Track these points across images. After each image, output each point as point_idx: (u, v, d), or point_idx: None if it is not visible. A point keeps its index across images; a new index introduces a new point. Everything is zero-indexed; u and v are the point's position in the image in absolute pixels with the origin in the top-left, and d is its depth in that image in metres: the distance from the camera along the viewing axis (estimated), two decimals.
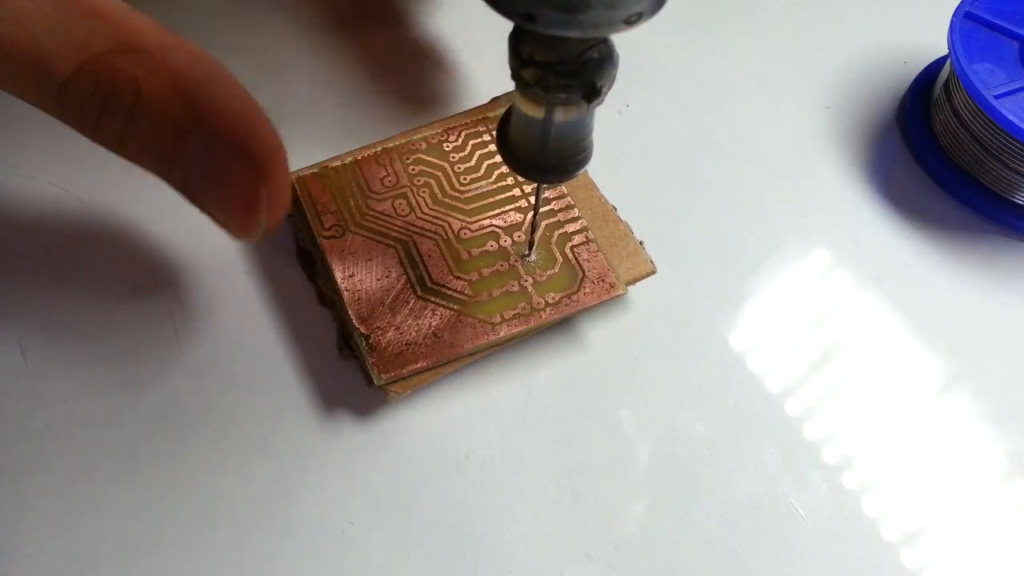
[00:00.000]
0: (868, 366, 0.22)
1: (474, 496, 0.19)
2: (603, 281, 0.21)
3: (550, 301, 0.20)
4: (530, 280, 0.20)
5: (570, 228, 0.21)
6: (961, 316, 0.23)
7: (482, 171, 0.22)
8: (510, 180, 0.22)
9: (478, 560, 0.18)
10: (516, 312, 0.20)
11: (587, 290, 0.20)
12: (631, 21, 0.13)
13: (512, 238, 0.21)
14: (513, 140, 0.17)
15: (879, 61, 0.29)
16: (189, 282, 0.21)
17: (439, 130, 0.23)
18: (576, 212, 0.22)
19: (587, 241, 0.21)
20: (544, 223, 0.21)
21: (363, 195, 0.21)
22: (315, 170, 0.22)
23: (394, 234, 0.21)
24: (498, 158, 0.22)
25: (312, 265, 0.21)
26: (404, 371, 0.19)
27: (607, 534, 0.19)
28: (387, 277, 0.20)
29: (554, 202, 0.22)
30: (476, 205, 0.22)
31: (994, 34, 0.24)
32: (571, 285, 0.20)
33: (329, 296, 0.21)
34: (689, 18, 0.29)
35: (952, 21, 0.24)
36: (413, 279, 0.20)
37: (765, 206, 0.25)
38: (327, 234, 0.21)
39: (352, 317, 0.19)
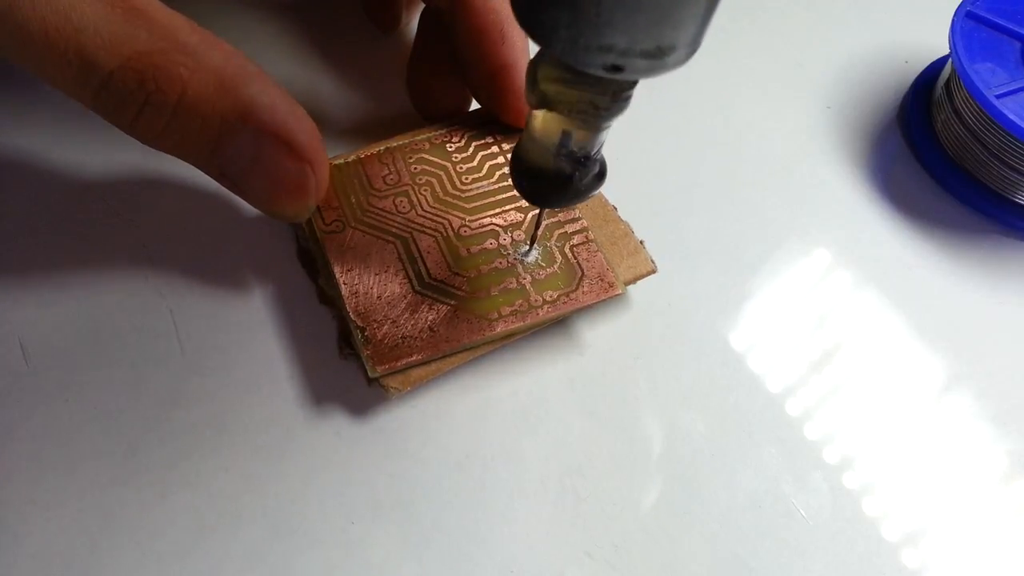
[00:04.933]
0: (868, 366, 0.22)
1: (474, 496, 0.19)
2: (602, 280, 0.21)
3: (548, 299, 0.20)
4: (529, 278, 0.20)
5: (570, 228, 0.21)
6: (961, 316, 0.23)
7: (484, 171, 0.22)
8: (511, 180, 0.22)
9: (478, 560, 0.18)
10: (513, 309, 0.20)
11: (585, 289, 0.20)
12: (692, 54, 0.13)
13: (512, 236, 0.21)
14: (527, 162, 0.17)
15: (880, 61, 0.29)
16: (189, 282, 0.21)
17: (442, 131, 0.23)
18: (577, 212, 0.22)
19: (587, 241, 0.21)
20: (544, 223, 0.21)
21: (364, 192, 0.21)
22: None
23: (394, 230, 0.21)
24: (500, 159, 0.22)
25: (312, 264, 0.21)
26: (399, 364, 0.19)
27: (608, 533, 0.19)
28: (385, 272, 0.20)
29: None
30: (477, 204, 0.22)
31: (995, 33, 0.24)
32: (570, 284, 0.20)
33: (329, 295, 0.21)
34: None
35: (953, 21, 0.24)
36: (411, 274, 0.20)
37: (765, 206, 0.25)
38: (327, 229, 0.21)
39: (349, 310, 0.19)
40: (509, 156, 0.22)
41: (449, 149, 0.22)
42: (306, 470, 0.19)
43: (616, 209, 0.22)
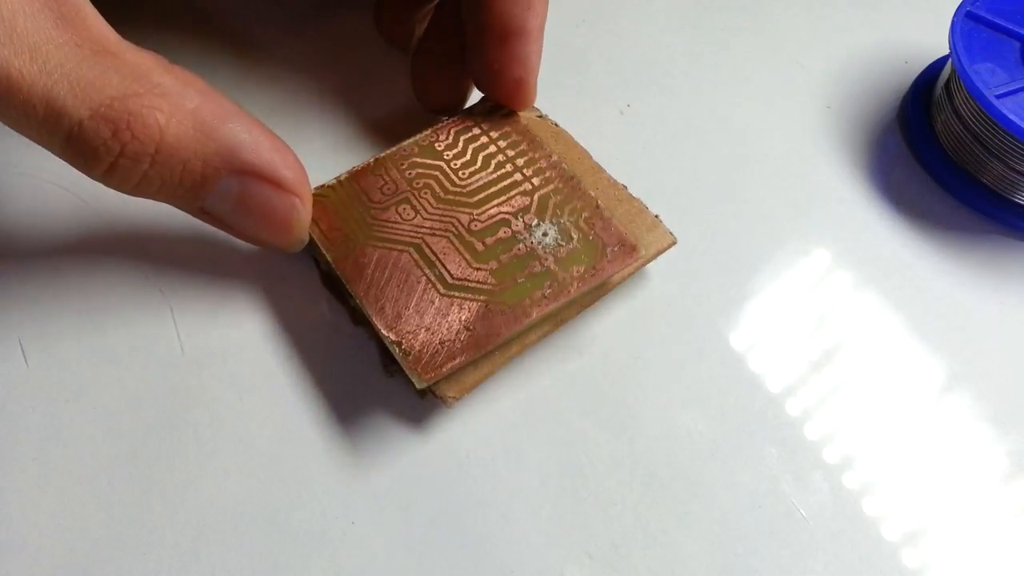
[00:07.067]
0: (868, 366, 0.22)
1: (474, 496, 0.19)
2: (623, 246, 0.20)
3: (576, 275, 0.20)
4: (551, 259, 0.20)
5: (579, 203, 0.21)
6: (961, 316, 0.23)
7: (479, 163, 0.22)
8: (509, 167, 0.22)
9: (478, 560, 0.18)
10: (544, 292, 0.20)
11: (609, 258, 0.20)
12: None
13: (524, 221, 0.21)
14: None
15: (880, 60, 0.29)
16: (189, 281, 0.21)
17: (427, 132, 0.23)
18: (583, 187, 0.21)
19: (598, 209, 0.21)
20: (552, 201, 0.21)
21: (365, 207, 0.21)
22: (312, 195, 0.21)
23: (404, 239, 0.21)
24: (492, 148, 0.22)
25: (340, 286, 0.21)
26: (444, 369, 0.19)
27: (608, 533, 0.19)
28: (406, 282, 0.20)
29: (558, 180, 0.22)
30: (480, 196, 0.21)
31: (995, 34, 0.24)
32: (593, 256, 0.20)
33: (363, 314, 0.21)
34: (690, 18, 0.29)
35: (953, 21, 0.24)
36: (433, 278, 0.20)
37: (765, 206, 0.25)
38: (337, 253, 0.20)
39: (380, 328, 0.19)
40: (500, 144, 0.22)
41: (439, 148, 0.22)
42: (306, 470, 0.19)
43: (626, 187, 0.22)
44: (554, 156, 0.22)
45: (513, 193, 0.21)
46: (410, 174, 0.22)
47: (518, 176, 0.22)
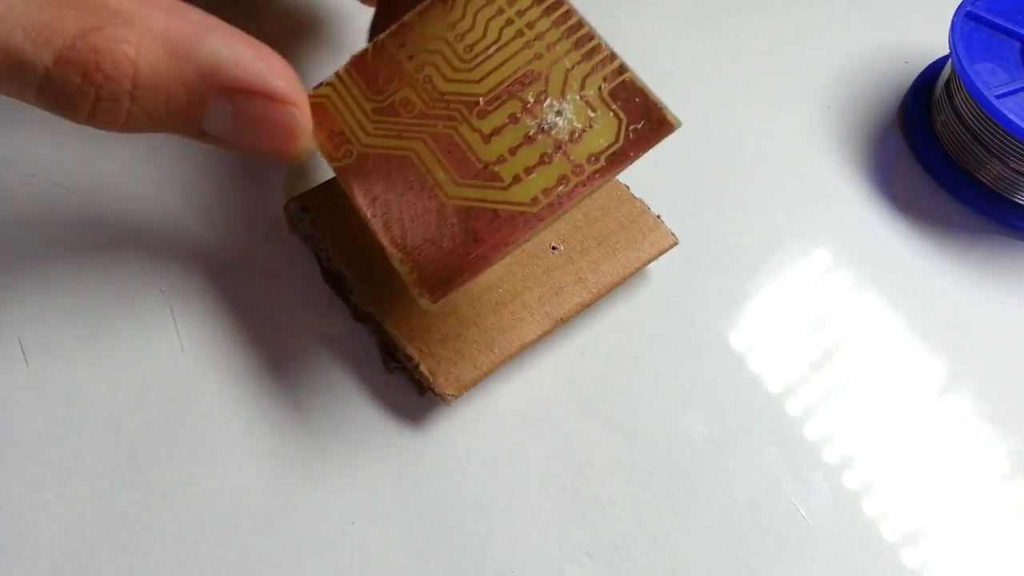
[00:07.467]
0: (868, 366, 0.22)
1: (474, 496, 0.19)
2: (649, 121, 0.17)
3: (592, 164, 0.17)
4: (565, 144, 0.17)
5: (599, 71, 0.18)
6: (961, 316, 0.23)
7: (486, 33, 0.19)
8: (522, 32, 0.19)
9: (478, 560, 0.18)
10: (558, 189, 0.17)
11: (632, 138, 0.17)
12: None
13: (535, 99, 0.18)
14: None
15: (880, 61, 0.29)
16: (190, 280, 0.21)
17: (427, 4, 0.19)
18: (605, 51, 0.18)
19: (622, 75, 0.18)
20: (568, 72, 0.18)
21: (366, 103, 0.19)
22: (310, 99, 0.19)
23: (408, 136, 0.18)
24: (508, 13, 0.19)
25: (342, 282, 0.21)
26: (452, 287, 0.17)
27: (608, 534, 0.19)
28: (410, 189, 0.18)
29: (575, 46, 0.18)
30: (488, 74, 0.18)
31: (995, 34, 0.24)
32: (612, 137, 0.17)
33: (364, 311, 0.20)
34: (690, 18, 0.29)
35: (953, 21, 0.24)
36: (438, 181, 0.18)
37: (765, 206, 0.25)
38: (340, 162, 0.18)
39: (387, 245, 0.18)
40: (513, 5, 0.19)
41: (443, 21, 0.19)
42: (306, 470, 0.19)
43: (628, 188, 0.22)
44: (575, 16, 0.18)
45: (525, 67, 0.18)
46: (412, 56, 0.19)
47: (530, 48, 0.18)
